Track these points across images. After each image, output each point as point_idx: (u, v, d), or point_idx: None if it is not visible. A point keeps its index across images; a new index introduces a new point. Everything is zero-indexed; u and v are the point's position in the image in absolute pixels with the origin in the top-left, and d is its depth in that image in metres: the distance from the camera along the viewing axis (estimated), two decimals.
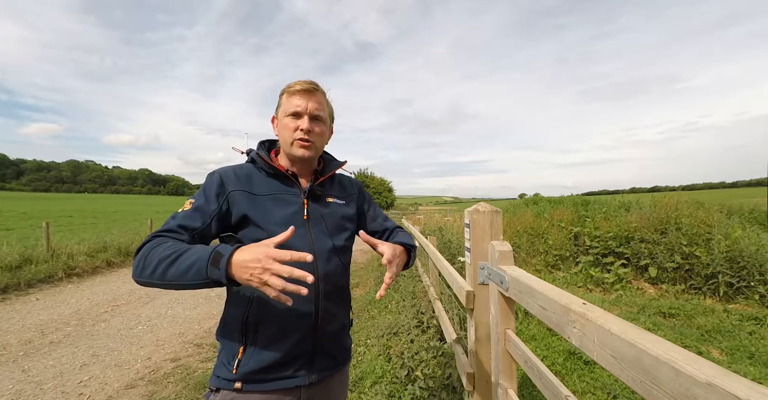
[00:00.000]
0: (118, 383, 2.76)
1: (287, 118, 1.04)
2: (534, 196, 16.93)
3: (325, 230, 1.06)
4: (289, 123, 1.03)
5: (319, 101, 1.06)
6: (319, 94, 1.07)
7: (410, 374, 2.24)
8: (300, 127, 1.02)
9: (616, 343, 0.65)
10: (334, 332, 1.05)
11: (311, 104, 1.04)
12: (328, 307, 1.02)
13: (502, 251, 1.37)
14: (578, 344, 0.78)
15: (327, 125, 1.11)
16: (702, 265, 4.86)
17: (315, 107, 1.04)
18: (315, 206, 1.08)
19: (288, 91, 1.05)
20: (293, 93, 1.04)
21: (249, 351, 0.94)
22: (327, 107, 1.11)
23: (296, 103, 1.03)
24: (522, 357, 1.19)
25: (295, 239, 0.99)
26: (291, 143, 1.04)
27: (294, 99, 1.03)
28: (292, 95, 1.04)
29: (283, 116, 1.05)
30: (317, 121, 1.06)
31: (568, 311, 0.83)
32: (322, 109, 1.06)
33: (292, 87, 1.04)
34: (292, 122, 1.03)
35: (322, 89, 1.08)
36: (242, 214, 0.97)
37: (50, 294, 5.45)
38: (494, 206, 1.64)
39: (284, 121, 1.04)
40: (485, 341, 1.60)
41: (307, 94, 1.04)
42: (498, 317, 1.37)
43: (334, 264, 1.06)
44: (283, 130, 1.05)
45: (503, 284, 1.28)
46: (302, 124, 1.02)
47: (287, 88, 1.05)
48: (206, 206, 0.96)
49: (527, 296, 1.07)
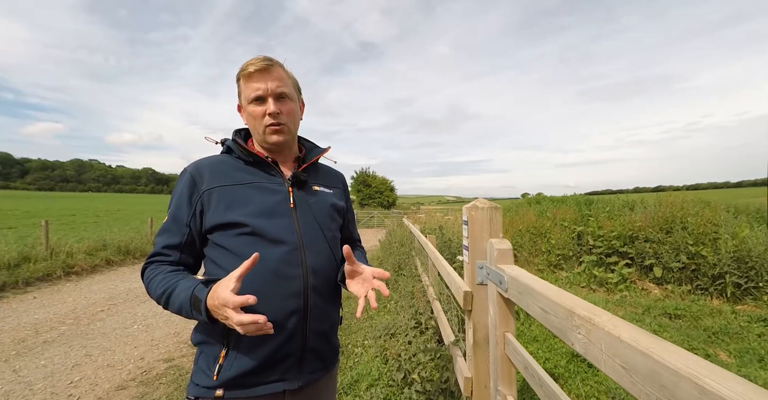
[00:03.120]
0: (108, 384, 2.70)
1: (251, 106, 0.95)
2: (536, 196, 16.82)
3: (314, 219, 0.99)
4: (254, 110, 0.95)
5: (279, 77, 0.95)
6: (277, 69, 0.96)
7: (407, 377, 2.16)
8: (267, 112, 0.93)
9: (627, 352, 0.57)
10: (323, 331, 0.97)
11: (271, 83, 0.93)
12: (318, 303, 0.95)
13: (501, 249, 1.29)
14: (583, 352, 0.70)
15: (295, 100, 1.01)
16: (709, 265, 4.75)
17: (276, 85, 0.94)
18: (301, 194, 1.00)
19: (243, 75, 0.95)
20: (249, 76, 0.94)
21: (231, 355, 0.87)
22: (290, 80, 1.00)
23: (255, 86, 0.93)
24: (522, 362, 1.11)
25: (281, 229, 0.92)
26: (263, 131, 0.96)
27: (252, 83, 0.94)
28: (248, 79, 0.94)
29: (247, 104, 0.96)
30: (283, 100, 0.96)
31: (571, 314, 0.75)
32: (284, 84, 0.96)
33: (245, 69, 0.94)
34: (258, 108, 0.94)
35: (277, 62, 0.97)
36: (221, 213, 0.90)
37: (48, 293, 5.41)
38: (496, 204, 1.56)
39: (249, 108, 0.95)
40: (484, 344, 1.52)
41: (264, 72, 0.93)
42: (496, 319, 1.29)
43: (325, 256, 0.99)
44: (251, 119, 0.97)
45: (502, 285, 1.20)
46: (268, 107, 0.93)
47: (241, 71, 0.95)
48: (180, 215, 0.92)
49: (527, 298, 0.99)
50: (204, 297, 0.78)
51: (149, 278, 0.90)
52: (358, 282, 0.95)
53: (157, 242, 0.94)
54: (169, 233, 0.93)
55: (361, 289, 0.93)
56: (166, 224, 0.94)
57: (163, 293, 0.85)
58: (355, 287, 0.94)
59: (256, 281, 0.86)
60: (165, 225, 0.94)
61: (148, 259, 0.93)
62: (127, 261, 7.93)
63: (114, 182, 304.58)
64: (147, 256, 0.95)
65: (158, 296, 0.86)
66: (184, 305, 0.81)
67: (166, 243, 0.92)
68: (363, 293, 0.91)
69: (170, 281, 0.86)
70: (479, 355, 1.53)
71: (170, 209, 0.95)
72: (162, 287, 0.85)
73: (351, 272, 0.95)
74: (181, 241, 0.92)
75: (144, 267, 0.93)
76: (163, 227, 0.94)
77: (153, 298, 0.89)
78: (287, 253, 0.91)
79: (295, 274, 0.91)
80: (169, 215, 0.94)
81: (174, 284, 0.85)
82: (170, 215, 0.94)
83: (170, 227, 0.93)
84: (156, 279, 0.88)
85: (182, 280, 0.86)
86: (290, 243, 0.92)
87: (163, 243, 0.92)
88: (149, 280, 0.89)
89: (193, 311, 0.80)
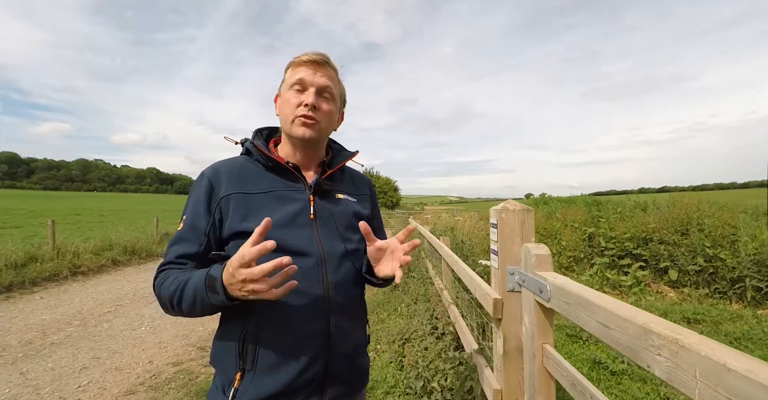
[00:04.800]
0: (117, 389, 2.64)
1: (290, 92, 0.87)
2: (542, 196, 16.67)
3: (335, 230, 0.90)
4: (291, 97, 0.87)
5: (330, 76, 0.90)
6: (330, 69, 0.90)
7: (426, 385, 2.08)
8: (304, 102, 0.86)
9: (739, 383, 0.48)
10: (348, 353, 0.88)
11: (319, 77, 0.87)
12: (341, 322, 0.86)
13: (539, 254, 1.21)
14: (666, 377, 0.62)
15: (337, 106, 0.94)
16: (727, 268, 4.63)
17: (323, 80, 0.88)
18: (323, 202, 0.92)
19: (294, 63, 0.89)
20: (299, 64, 0.87)
21: (248, 377, 0.79)
22: (339, 86, 0.94)
23: (302, 74, 0.86)
24: (568, 378, 1.02)
25: (301, 241, 0.84)
26: (291, 121, 0.87)
27: (300, 70, 0.87)
28: (297, 67, 0.87)
29: (286, 89, 0.88)
30: (325, 99, 0.89)
31: (647, 333, 0.67)
32: (332, 85, 0.90)
33: (299, 58, 0.88)
34: (295, 97, 0.87)
35: (333, 65, 0.91)
36: (237, 222, 0.83)
37: (54, 293, 5.38)
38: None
39: (286, 95, 0.88)
40: (515, 355, 1.44)
41: (316, 65, 0.87)
42: (534, 330, 1.21)
43: (346, 270, 0.89)
44: (284, 106, 0.89)
45: (543, 293, 1.11)
46: (307, 98, 0.86)
47: (293, 59, 0.89)
48: (198, 223, 0.84)
49: (580, 310, 0.91)
50: (219, 274, 0.69)
51: (161, 283, 0.81)
52: (387, 260, 0.85)
53: (170, 251, 0.85)
54: (186, 242, 0.84)
55: (393, 263, 0.83)
56: (182, 232, 0.85)
57: (176, 289, 0.76)
58: (385, 266, 0.84)
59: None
60: (180, 233, 0.85)
61: (160, 268, 0.85)
62: (133, 261, 7.90)
63: (118, 182, 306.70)
64: (159, 265, 0.86)
65: (171, 295, 0.77)
66: (198, 291, 0.72)
67: (182, 252, 0.84)
68: (396, 266, 0.81)
69: (183, 276, 0.78)
70: (510, 366, 1.45)
71: (186, 215, 0.87)
72: (175, 283, 0.77)
73: (375, 253, 0.85)
74: (198, 250, 0.84)
75: (155, 276, 0.85)
76: (179, 235, 0.86)
77: (165, 302, 0.79)
78: (308, 268, 0.83)
79: (316, 291, 0.83)
80: (185, 223, 0.85)
81: (187, 277, 0.76)
82: (187, 221, 0.85)
83: (186, 235, 0.85)
84: (168, 280, 0.79)
85: (195, 272, 0.78)
86: (311, 256, 0.84)
87: (177, 252, 0.84)
88: (161, 285, 0.80)
89: (209, 294, 0.70)
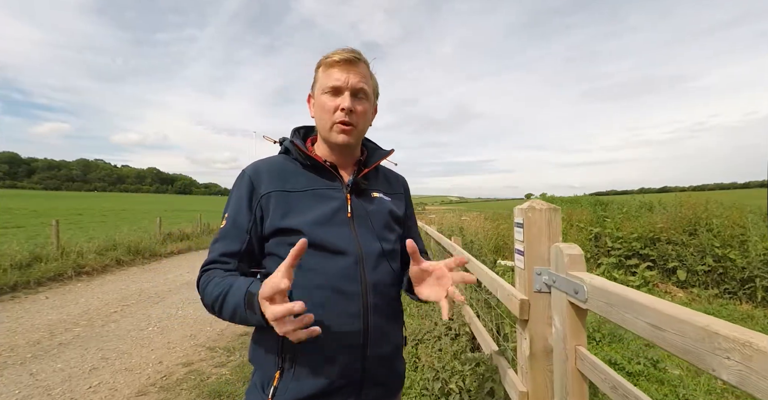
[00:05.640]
0: (128, 390, 2.61)
1: (324, 96, 0.86)
2: (542, 196, 16.68)
3: (372, 229, 0.89)
4: (327, 102, 0.86)
5: (363, 74, 0.88)
6: (363, 65, 0.89)
7: (444, 386, 2.06)
8: (340, 107, 0.85)
9: None
10: (385, 356, 0.87)
11: (353, 77, 0.86)
12: (379, 323, 0.85)
13: (572, 254, 1.18)
14: (736, 381, 0.60)
15: (371, 102, 0.93)
16: (737, 268, 4.61)
17: (357, 80, 0.86)
18: (359, 201, 0.91)
19: (325, 63, 0.87)
20: (331, 65, 0.86)
21: (287, 377, 0.79)
22: (372, 81, 0.93)
23: (335, 76, 0.85)
24: (607, 382, 1.00)
25: (340, 240, 0.83)
26: (330, 127, 0.87)
27: (333, 72, 0.86)
28: (330, 68, 0.86)
29: (320, 93, 0.87)
30: (360, 99, 0.88)
31: (711, 335, 0.64)
32: (366, 82, 0.89)
33: (329, 57, 0.86)
34: (331, 101, 0.86)
35: (365, 59, 0.90)
36: (278, 219, 0.83)
37: (59, 293, 5.36)
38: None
39: (321, 99, 0.87)
40: (542, 357, 1.41)
41: (348, 64, 0.86)
42: (566, 332, 1.19)
43: (384, 270, 0.88)
44: (320, 111, 0.88)
45: (579, 294, 1.09)
46: (343, 102, 0.85)
47: (324, 59, 0.87)
48: (241, 220, 0.85)
49: (624, 311, 0.88)
50: (257, 292, 0.69)
51: (204, 284, 0.82)
52: (431, 284, 0.84)
53: (214, 249, 0.86)
54: (229, 239, 0.86)
55: (437, 289, 0.82)
56: (225, 229, 0.87)
57: (218, 296, 0.76)
58: (428, 290, 0.84)
59: (314, 298, 0.78)
60: (224, 230, 0.87)
61: (205, 267, 0.86)
62: (137, 261, 7.87)
63: (119, 182, 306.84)
64: (203, 263, 0.86)
65: (213, 301, 0.77)
66: (239, 306, 0.72)
67: (225, 250, 0.85)
68: (442, 294, 0.80)
69: (226, 282, 0.78)
70: (536, 368, 1.43)
71: (228, 213, 0.88)
72: (218, 289, 0.77)
73: (419, 274, 0.84)
74: (241, 248, 0.85)
75: (199, 276, 0.85)
76: (222, 232, 0.87)
77: (207, 305, 0.81)
78: (347, 267, 0.82)
79: (355, 291, 0.82)
80: (228, 220, 0.87)
81: (229, 285, 0.76)
82: (229, 219, 0.87)
83: (229, 232, 0.86)
84: (212, 283, 0.80)
85: (236, 281, 0.77)
86: (350, 255, 0.83)
87: (221, 250, 0.85)
88: (204, 287, 0.81)
89: (248, 311, 0.71)
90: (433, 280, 0.83)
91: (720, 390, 2.45)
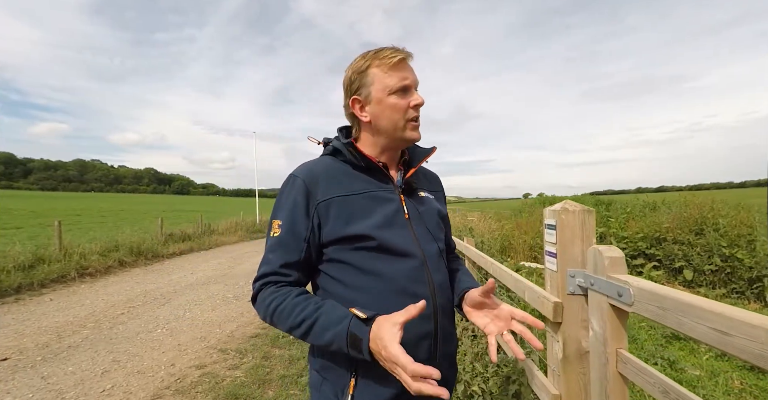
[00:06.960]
0: (143, 393, 2.59)
1: (393, 97, 0.84)
2: (540, 196, 16.69)
3: (427, 229, 0.89)
4: (398, 102, 0.84)
5: (414, 70, 0.89)
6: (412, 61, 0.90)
7: (466, 388, 2.04)
8: (413, 104, 0.84)
9: None
10: (451, 354, 0.90)
11: (412, 74, 0.87)
12: (446, 324, 0.86)
13: (612, 257, 1.17)
14: None
15: None
16: (744, 268, 4.62)
17: (416, 76, 0.88)
18: (411, 202, 0.91)
19: (385, 64, 0.84)
20: (393, 66, 0.84)
21: (362, 384, 0.78)
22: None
23: (401, 75, 0.84)
24: (657, 386, 0.98)
25: (404, 242, 0.83)
26: (404, 126, 0.85)
27: (398, 72, 0.84)
28: (393, 68, 0.84)
29: (386, 94, 0.85)
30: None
31: None
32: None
33: (386, 57, 0.83)
34: (402, 99, 0.84)
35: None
36: (341, 227, 0.81)
37: (64, 294, 5.32)
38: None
39: (390, 100, 0.84)
40: (575, 360, 1.40)
41: (406, 62, 0.86)
42: (606, 335, 1.18)
43: (444, 271, 0.90)
44: (390, 111, 0.85)
45: (623, 297, 1.08)
46: (417, 99, 0.85)
47: (380, 59, 0.84)
48: (298, 229, 0.82)
49: (681, 315, 0.87)
50: (366, 337, 0.69)
51: (272, 302, 0.79)
52: (487, 316, 0.85)
53: (270, 259, 0.83)
54: (287, 249, 0.82)
55: (491, 325, 0.83)
56: (281, 238, 0.83)
57: (302, 322, 0.75)
58: (481, 319, 0.85)
59: (383, 302, 0.78)
60: (280, 238, 0.83)
61: (264, 279, 0.82)
62: (140, 262, 7.82)
63: (116, 182, 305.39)
64: (259, 274, 0.83)
65: (294, 325, 0.76)
66: (338, 342, 0.72)
67: (284, 261, 0.82)
68: (495, 332, 0.82)
69: (308, 308, 0.76)
70: (570, 371, 1.41)
71: (282, 220, 0.84)
72: (300, 315, 0.75)
73: (480, 303, 0.85)
74: (300, 258, 0.83)
75: (259, 289, 0.82)
76: (278, 240, 0.83)
77: (281, 326, 0.79)
78: (413, 269, 0.82)
79: (423, 292, 0.82)
80: (283, 228, 0.83)
81: (316, 313, 0.75)
82: (284, 227, 0.83)
83: (287, 241, 0.82)
84: (286, 305, 0.77)
85: (324, 308, 0.76)
86: (416, 257, 0.83)
87: (280, 261, 0.82)
88: (274, 306, 0.78)
89: (351, 350, 0.71)
90: (491, 315, 0.85)
91: (738, 391, 2.45)
